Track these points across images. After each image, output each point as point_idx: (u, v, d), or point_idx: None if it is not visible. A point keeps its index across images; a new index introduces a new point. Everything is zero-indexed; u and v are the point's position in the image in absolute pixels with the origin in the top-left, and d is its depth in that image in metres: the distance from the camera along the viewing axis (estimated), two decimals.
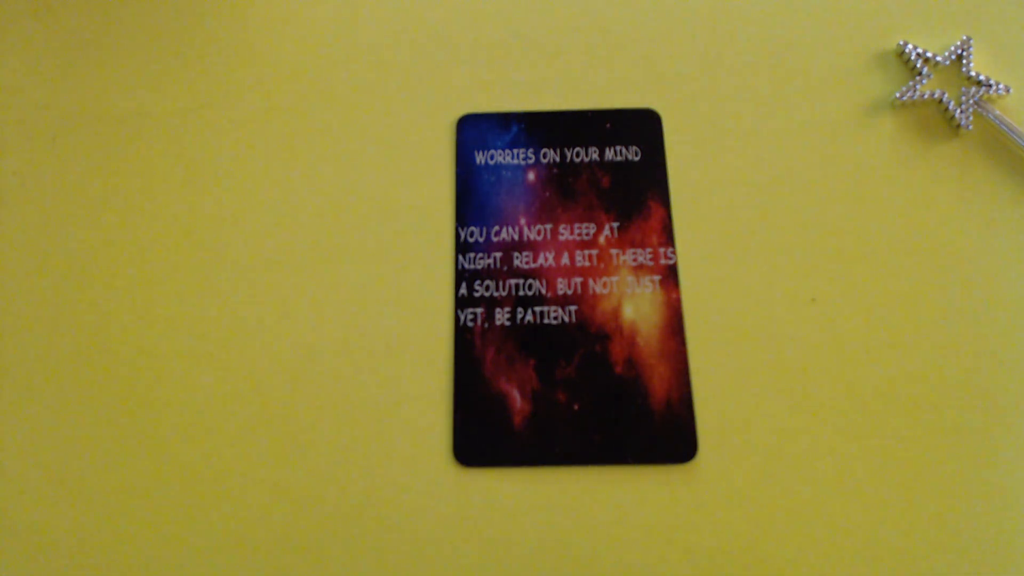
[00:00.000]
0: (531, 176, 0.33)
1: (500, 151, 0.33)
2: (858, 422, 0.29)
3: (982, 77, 0.33)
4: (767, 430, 0.29)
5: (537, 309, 0.31)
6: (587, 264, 0.31)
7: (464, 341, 0.30)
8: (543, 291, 0.31)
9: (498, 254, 0.32)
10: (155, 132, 0.34)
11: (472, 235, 0.32)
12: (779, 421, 0.29)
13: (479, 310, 0.31)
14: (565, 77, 0.35)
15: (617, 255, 0.31)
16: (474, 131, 0.34)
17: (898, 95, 0.33)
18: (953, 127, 0.33)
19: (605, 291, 0.31)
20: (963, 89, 0.33)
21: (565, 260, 0.31)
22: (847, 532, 0.28)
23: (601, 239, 0.32)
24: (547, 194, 0.33)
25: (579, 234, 0.32)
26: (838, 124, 0.33)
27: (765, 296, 0.31)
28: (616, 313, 0.31)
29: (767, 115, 0.34)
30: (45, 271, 0.32)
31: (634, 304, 0.31)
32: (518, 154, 0.33)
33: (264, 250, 0.32)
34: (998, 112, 0.33)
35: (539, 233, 0.32)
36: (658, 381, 0.29)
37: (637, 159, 0.33)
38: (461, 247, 0.32)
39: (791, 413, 0.29)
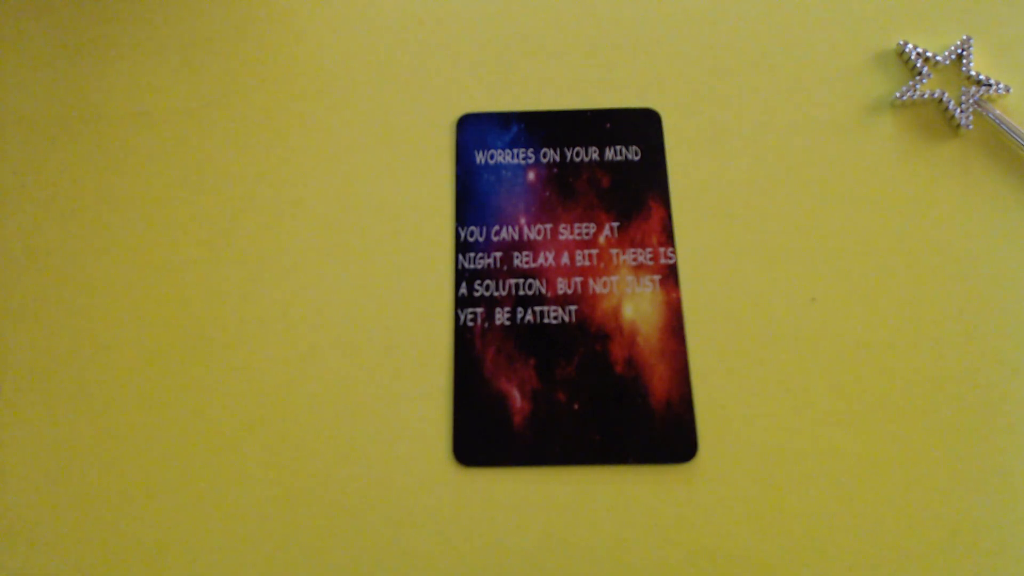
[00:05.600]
0: (531, 176, 0.33)
1: (500, 151, 0.33)
2: (858, 422, 0.29)
3: (982, 77, 0.33)
4: (767, 430, 0.29)
5: (537, 309, 0.31)
6: (587, 264, 0.31)
7: (464, 341, 0.30)
8: (543, 291, 0.31)
9: (498, 254, 0.32)
10: (155, 132, 0.34)
11: (472, 235, 0.32)
12: (779, 421, 0.29)
13: (479, 310, 0.31)
14: (565, 77, 0.35)
15: (617, 255, 0.31)
16: (474, 131, 0.34)
17: (898, 95, 0.33)
18: (953, 127, 0.33)
19: (605, 291, 0.31)
20: (963, 89, 0.33)
21: (565, 260, 0.31)
22: (847, 532, 0.28)
23: (601, 239, 0.32)
24: (547, 194, 0.33)
25: (579, 234, 0.32)
26: (838, 124, 0.33)
27: (765, 296, 0.31)
28: (616, 313, 0.31)
29: (767, 115, 0.34)
30: (45, 271, 0.32)
31: (634, 304, 0.31)
32: (518, 154, 0.33)
33: (264, 250, 0.32)
34: (998, 112, 0.33)
35: (539, 233, 0.32)
36: (658, 381, 0.29)
37: (637, 159, 0.33)
38: (461, 247, 0.32)
39: (791, 413, 0.29)
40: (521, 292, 0.31)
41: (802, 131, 0.33)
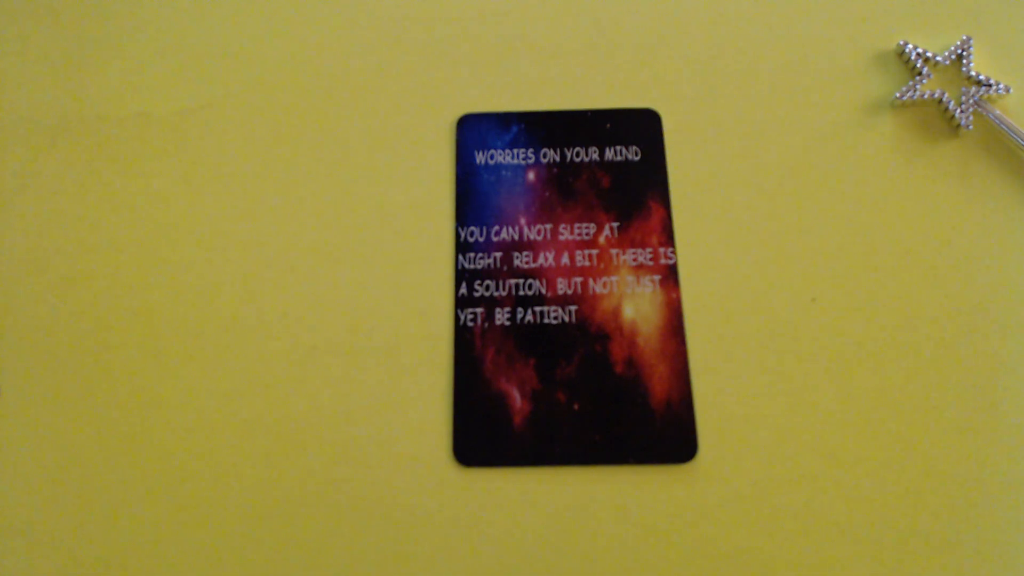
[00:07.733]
0: (531, 176, 0.33)
1: (500, 151, 0.33)
2: (858, 422, 0.29)
3: (982, 77, 0.33)
4: (767, 430, 0.29)
5: (537, 309, 0.31)
6: (587, 264, 0.31)
7: (464, 341, 0.30)
8: (543, 291, 0.31)
9: (498, 254, 0.32)
10: (155, 132, 0.34)
11: (472, 235, 0.32)
12: (779, 421, 0.29)
13: (479, 310, 0.31)
14: (565, 77, 0.35)
15: (617, 255, 0.31)
16: (474, 131, 0.34)
17: (898, 95, 0.33)
18: (953, 127, 0.33)
19: (605, 291, 0.31)
20: (963, 89, 0.33)
21: (565, 260, 0.31)
22: (847, 532, 0.28)
23: (601, 239, 0.32)
24: (547, 194, 0.33)
25: (579, 234, 0.32)
26: (838, 124, 0.33)
27: (765, 296, 0.31)
28: (616, 313, 0.31)
29: (767, 115, 0.34)
30: (45, 271, 0.32)
31: (634, 304, 0.31)
32: (518, 154, 0.33)
33: (264, 250, 0.32)
34: (998, 112, 0.33)
35: (539, 233, 0.32)
36: (658, 381, 0.29)
37: (637, 159, 0.33)
38: (461, 247, 0.32)
39: (791, 413, 0.29)
40: (521, 292, 0.31)
41: (802, 131, 0.33)
